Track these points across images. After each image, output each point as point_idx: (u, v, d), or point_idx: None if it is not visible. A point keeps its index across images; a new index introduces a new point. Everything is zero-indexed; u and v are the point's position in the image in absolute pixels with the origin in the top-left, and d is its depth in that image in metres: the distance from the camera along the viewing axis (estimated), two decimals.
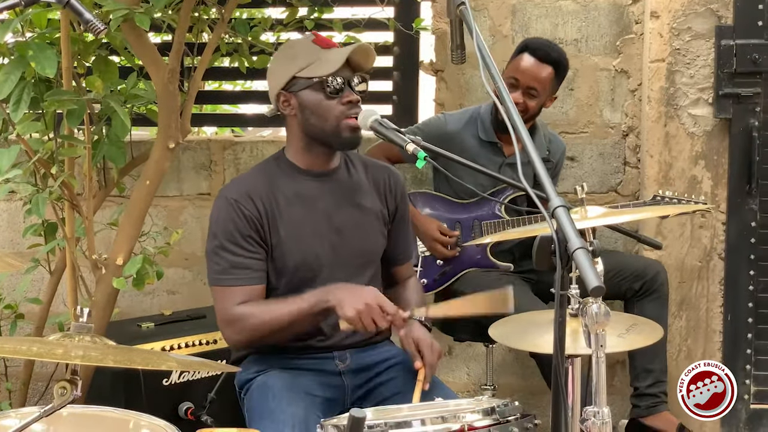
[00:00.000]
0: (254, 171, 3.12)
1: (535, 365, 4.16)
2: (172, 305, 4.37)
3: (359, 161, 3.18)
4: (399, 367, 3.04)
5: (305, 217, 3.00)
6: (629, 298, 4.01)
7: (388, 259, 3.20)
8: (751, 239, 4.31)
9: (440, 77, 4.67)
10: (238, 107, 5.35)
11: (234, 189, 3.02)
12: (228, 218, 2.95)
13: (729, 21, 4.24)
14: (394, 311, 2.81)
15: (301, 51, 3.00)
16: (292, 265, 2.99)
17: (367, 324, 2.77)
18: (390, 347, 3.17)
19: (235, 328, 2.94)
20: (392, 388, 2.99)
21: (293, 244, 2.98)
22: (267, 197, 2.98)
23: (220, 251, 2.94)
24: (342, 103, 2.92)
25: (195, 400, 3.63)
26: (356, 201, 3.08)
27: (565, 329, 2.01)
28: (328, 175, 3.06)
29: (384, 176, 3.16)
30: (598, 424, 2.26)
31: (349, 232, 3.05)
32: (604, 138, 4.61)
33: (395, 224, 3.18)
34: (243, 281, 2.93)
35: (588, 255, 1.89)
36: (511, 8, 4.56)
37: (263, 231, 2.96)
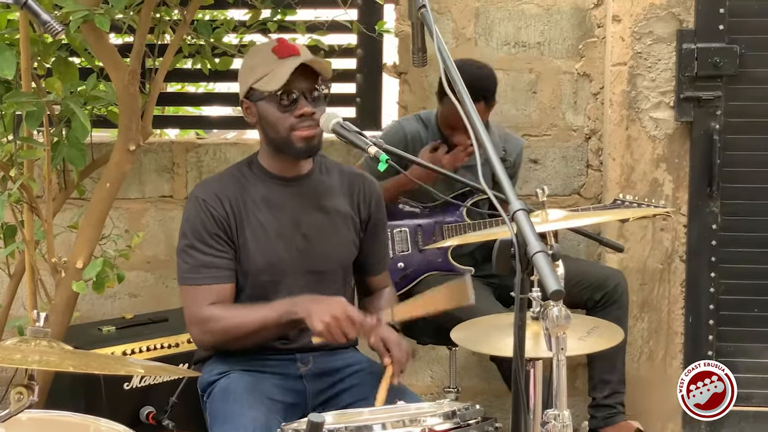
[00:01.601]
0: (226, 173, 3.13)
1: (497, 367, 4.17)
2: (134, 309, 4.33)
3: (335, 168, 3.17)
4: (363, 374, 3.04)
5: (271, 221, 3.00)
6: (590, 308, 4.02)
7: (362, 268, 3.20)
8: (712, 242, 4.34)
9: (404, 80, 4.67)
10: (201, 109, 5.32)
11: (203, 189, 3.03)
12: (196, 218, 2.96)
13: (690, 25, 4.27)
14: (361, 320, 2.81)
15: (259, 60, 2.98)
16: (256, 268, 2.98)
17: (337, 336, 2.78)
18: (354, 353, 3.17)
19: (203, 329, 2.95)
20: (355, 394, 2.98)
21: (258, 247, 2.98)
22: (235, 199, 2.99)
23: (189, 250, 2.96)
24: (294, 116, 2.91)
25: (156, 405, 3.61)
26: (326, 207, 3.07)
27: (525, 332, 2.01)
28: (299, 181, 3.06)
29: (359, 183, 3.15)
30: (558, 426, 2.27)
31: (317, 237, 3.04)
32: (566, 141, 4.63)
33: (369, 232, 3.17)
34: (212, 280, 2.94)
35: (548, 258, 1.89)
36: (474, 11, 4.57)
37: (231, 232, 2.97)
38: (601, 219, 3.56)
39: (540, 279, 1.86)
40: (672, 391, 4.38)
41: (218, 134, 5.69)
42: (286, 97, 2.91)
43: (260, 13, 4.11)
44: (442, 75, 2.23)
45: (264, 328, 2.89)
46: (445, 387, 4.19)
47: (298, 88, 2.91)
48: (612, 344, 2.77)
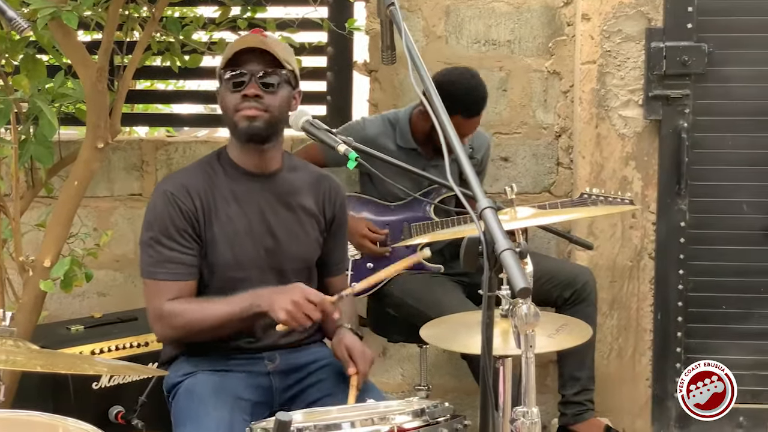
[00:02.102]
0: (194, 166, 3.11)
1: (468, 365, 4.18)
2: (102, 307, 4.31)
3: (303, 166, 3.17)
4: (329, 369, 3.03)
5: (240, 217, 2.99)
6: (559, 305, 4.04)
7: (323, 269, 3.20)
8: (681, 239, 4.36)
9: (374, 77, 4.67)
10: (170, 107, 5.29)
11: (172, 182, 3.01)
12: (164, 211, 2.94)
13: (659, 23, 4.29)
14: (320, 299, 2.82)
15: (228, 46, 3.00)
16: (223, 263, 2.97)
17: (301, 320, 2.77)
18: (321, 348, 3.17)
19: (165, 324, 2.94)
20: (322, 390, 2.98)
21: (226, 242, 2.97)
22: (204, 193, 2.98)
23: (154, 244, 2.94)
24: (241, 95, 2.90)
25: (126, 404, 3.59)
26: (294, 205, 3.07)
27: (493, 330, 2.02)
28: (267, 177, 3.05)
29: (325, 184, 3.15)
30: (527, 424, 2.26)
31: (284, 235, 3.04)
32: (537, 139, 4.64)
33: (332, 233, 3.17)
34: (174, 276, 2.93)
35: (515, 256, 1.89)
36: (445, 9, 4.58)
37: (198, 226, 2.95)
38: (571, 216, 3.57)
39: (508, 277, 1.86)
40: (641, 387, 4.44)
41: (189, 132, 5.68)
42: (232, 76, 2.91)
43: (230, 11, 4.09)
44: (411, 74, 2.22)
45: (226, 322, 2.88)
46: (416, 385, 4.19)
47: (249, 69, 2.91)
48: (581, 341, 2.77)
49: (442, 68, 4.16)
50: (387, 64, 2.56)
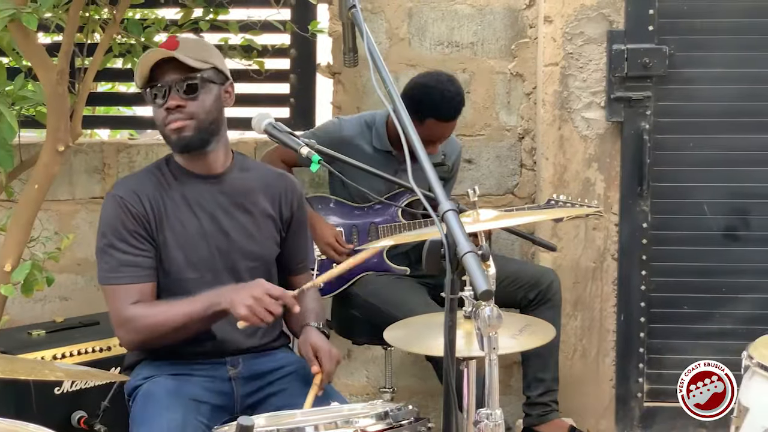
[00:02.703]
0: (144, 171, 3.11)
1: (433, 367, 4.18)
2: (64, 312, 4.27)
3: (255, 166, 3.17)
4: (293, 377, 3.02)
5: (192, 220, 2.99)
6: (524, 307, 4.05)
7: (285, 268, 3.19)
8: (643, 240, 4.39)
9: (337, 80, 4.66)
10: (132, 109, 5.26)
11: (122, 187, 3.01)
12: (115, 216, 2.94)
13: (620, 26, 4.31)
14: (281, 293, 2.81)
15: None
16: (177, 266, 2.97)
17: (262, 315, 2.76)
18: (286, 354, 3.16)
19: (128, 329, 2.92)
20: (284, 398, 2.96)
21: (178, 245, 2.97)
22: (154, 197, 2.97)
23: (109, 249, 2.93)
24: (165, 109, 2.91)
25: (88, 409, 3.56)
26: (246, 205, 3.06)
27: (456, 333, 2.02)
28: (217, 178, 3.04)
29: (281, 183, 3.15)
30: (490, 425, 2.27)
31: (237, 235, 3.03)
32: (500, 140, 4.65)
33: (291, 232, 3.16)
34: (133, 279, 2.92)
35: (477, 259, 1.89)
36: (408, 11, 4.58)
37: (151, 229, 2.95)
38: (531, 219, 3.58)
39: (470, 280, 1.86)
40: (605, 388, 4.46)
41: (152, 134, 5.63)
42: (151, 92, 2.92)
43: (192, 12, 4.08)
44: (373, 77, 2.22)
45: (189, 323, 2.87)
46: (381, 387, 4.19)
47: (165, 81, 2.91)
48: (544, 342, 2.78)
49: (420, 72, 4.20)
50: (349, 66, 2.56)
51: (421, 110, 3.90)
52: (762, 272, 4.39)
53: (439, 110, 3.93)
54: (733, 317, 4.40)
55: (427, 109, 3.91)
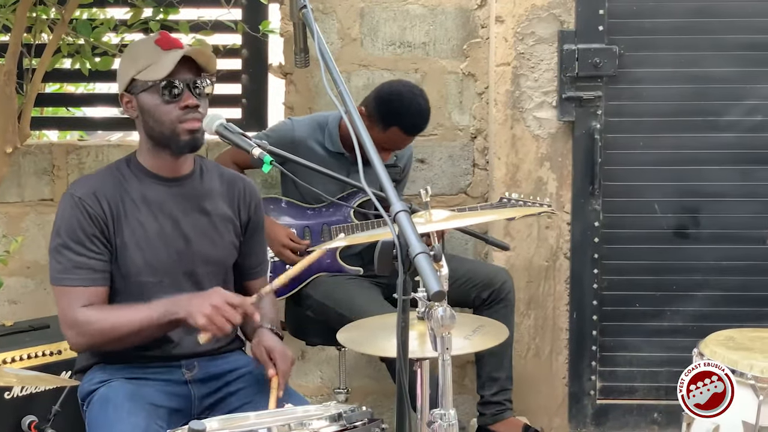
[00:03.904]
0: (103, 171, 3.05)
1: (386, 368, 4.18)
2: (13, 315, 4.21)
3: (215, 170, 3.14)
4: (248, 377, 3.01)
5: (151, 222, 2.95)
6: (477, 306, 4.06)
7: (242, 272, 3.17)
8: (595, 239, 4.42)
9: (289, 80, 4.64)
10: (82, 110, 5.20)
11: (80, 187, 2.96)
12: (72, 216, 2.89)
13: (571, 26, 4.34)
14: (240, 301, 2.79)
15: (142, 52, 2.94)
16: (135, 269, 2.93)
17: (221, 324, 2.74)
18: (240, 356, 3.14)
19: (78, 332, 2.88)
20: (241, 398, 2.96)
21: (137, 248, 2.93)
22: (113, 198, 2.93)
23: (62, 250, 2.88)
24: (180, 108, 2.87)
25: (39, 413, 3.51)
26: (207, 209, 3.03)
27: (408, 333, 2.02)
28: (179, 181, 3.01)
29: (239, 186, 3.12)
30: (444, 426, 2.27)
31: (197, 239, 3.00)
32: (453, 140, 4.66)
33: (248, 236, 3.14)
34: (85, 282, 2.87)
35: (429, 259, 1.89)
36: (360, 11, 4.57)
37: (108, 231, 2.91)
38: (483, 219, 3.59)
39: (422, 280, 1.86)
40: (558, 386, 4.49)
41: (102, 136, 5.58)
42: (170, 88, 2.87)
43: (141, 12, 4.04)
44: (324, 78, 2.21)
45: (143, 329, 2.83)
46: (335, 388, 4.18)
47: (183, 79, 2.88)
48: (497, 342, 2.79)
49: (388, 80, 4.23)
50: (300, 67, 2.56)
51: (390, 117, 3.92)
52: (712, 270, 4.44)
53: (405, 122, 3.95)
54: (684, 315, 4.45)
55: (396, 118, 3.93)
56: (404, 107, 3.95)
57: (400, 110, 3.94)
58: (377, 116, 3.95)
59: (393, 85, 4.08)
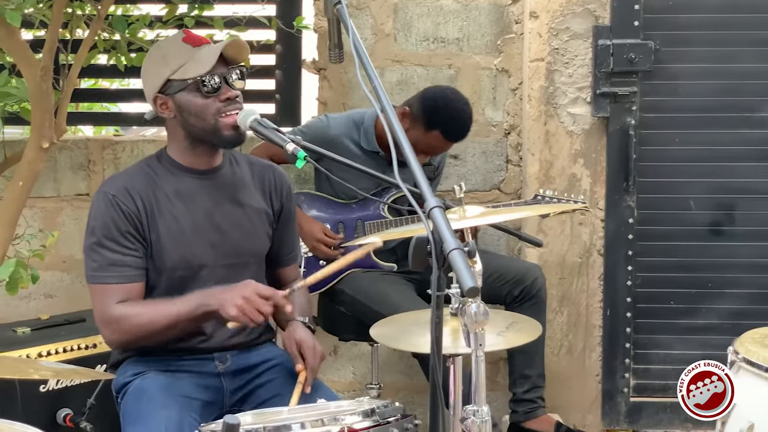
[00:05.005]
0: (135, 167, 3.07)
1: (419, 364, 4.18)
2: (49, 309, 4.25)
3: (244, 160, 3.15)
4: (279, 369, 3.02)
5: (185, 215, 2.97)
6: (509, 303, 4.05)
7: (274, 260, 3.18)
8: (629, 235, 4.40)
9: (323, 76, 4.65)
10: (117, 105, 5.24)
11: (113, 185, 2.97)
12: (106, 214, 2.90)
13: (606, 21, 4.31)
14: (272, 293, 2.80)
15: (171, 51, 2.95)
16: (170, 263, 2.95)
17: (253, 316, 2.75)
18: (271, 348, 3.15)
19: (114, 329, 2.90)
20: (271, 390, 2.97)
21: (172, 242, 2.94)
22: (146, 194, 2.94)
23: (97, 248, 2.90)
24: (220, 101, 2.89)
25: (74, 407, 3.54)
26: (239, 200, 3.05)
27: (442, 329, 2.01)
28: (211, 174, 3.03)
29: (269, 175, 3.14)
30: (477, 422, 2.27)
31: (231, 230, 3.02)
32: (486, 136, 4.65)
33: (280, 224, 3.15)
34: (121, 279, 2.89)
35: (463, 255, 1.89)
36: (393, 7, 4.57)
37: (142, 228, 2.92)
38: (517, 215, 3.59)
39: (456, 276, 1.86)
40: (591, 383, 4.47)
41: (136, 131, 5.62)
42: (208, 83, 2.88)
43: (177, 8, 4.06)
44: (358, 73, 2.21)
45: (176, 323, 2.86)
46: (367, 383, 4.19)
47: (219, 73, 2.90)
48: (530, 339, 2.78)
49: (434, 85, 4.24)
50: (334, 62, 2.56)
51: (434, 120, 3.93)
52: (747, 267, 4.41)
53: (449, 128, 3.96)
54: (719, 312, 4.42)
55: (440, 122, 3.94)
56: (450, 113, 3.95)
57: (446, 115, 3.94)
58: (422, 117, 3.95)
59: (442, 89, 4.09)
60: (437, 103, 3.96)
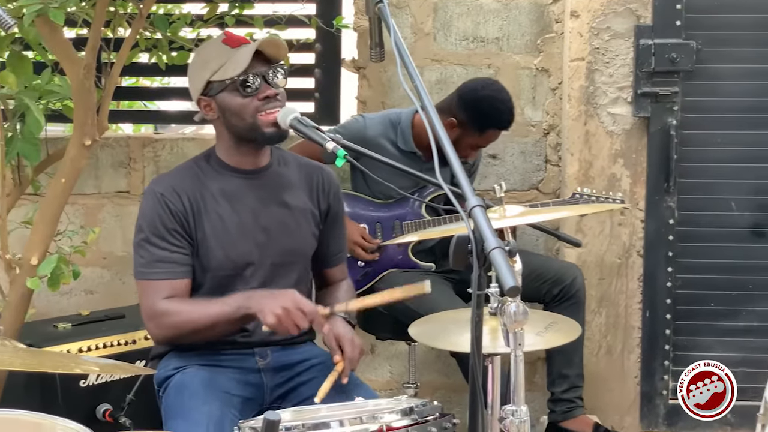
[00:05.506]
0: (183, 166, 3.11)
1: (457, 363, 4.18)
2: (90, 305, 4.29)
3: (293, 160, 3.17)
4: (320, 368, 3.03)
5: (231, 215, 2.99)
6: (548, 302, 4.04)
7: (320, 260, 3.19)
8: (669, 236, 4.36)
9: (362, 75, 4.65)
10: (155, 104, 5.27)
11: (161, 183, 3.02)
12: (153, 212, 2.95)
13: (648, 20, 4.29)
14: (312, 310, 2.81)
15: (212, 54, 2.99)
16: (215, 262, 2.97)
17: (289, 327, 2.77)
18: (311, 347, 3.17)
19: (158, 323, 2.94)
20: (312, 388, 2.95)
21: (217, 241, 2.97)
22: (193, 193, 2.98)
23: (145, 244, 2.94)
24: (258, 99, 2.90)
25: (113, 402, 3.58)
26: (285, 200, 3.06)
27: (482, 329, 2.01)
28: (258, 173, 3.05)
29: (318, 176, 3.15)
30: (516, 422, 2.26)
31: (276, 231, 3.03)
32: (525, 136, 4.64)
33: (327, 224, 3.16)
34: (168, 275, 2.93)
35: (504, 255, 1.89)
36: (433, 6, 4.57)
37: (188, 226, 2.95)
38: (557, 215, 3.57)
39: (497, 275, 1.86)
40: (630, 385, 4.44)
41: (176, 129, 5.66)
42: (247, 82, 2.90)
43: (218, 7, 4.07)
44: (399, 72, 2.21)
45: (218, 323, 2.88)
46: (404, 382, 4.19)
47: (257, 72, 2.92)
48: (569, 339, 2.78)
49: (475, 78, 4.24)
50: (375, 61, 2.56)
51: (486, 122, 3.98)
52: None
53: (502, 121, 4.01)
54: (760, 315, 4.38)
55: (491, 121, 3.99)
56: (496, 109, 3.98)
57: (493, 113, 3.99)
58: (471, 124, 3.97)
59: (476, 89, 4.06)
60: (482, 106, 3.97)
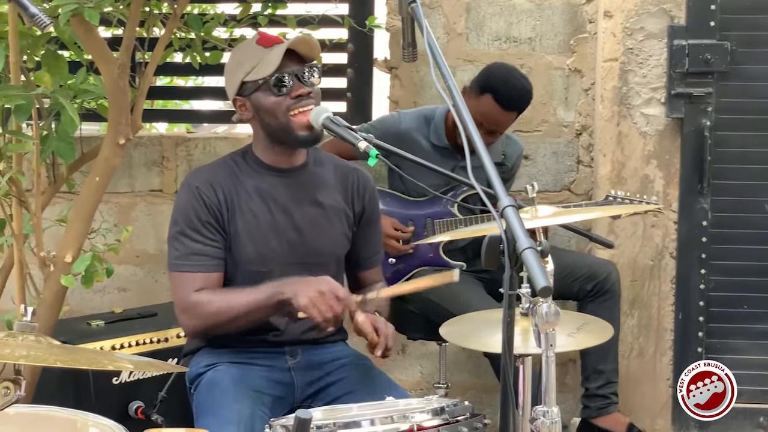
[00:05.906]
0: (220, 161, 3.14)
1: (488, 363, 4.17)
2: (123, 303, 4.32)
3: (329, 160, 3.18)
4: (350, 367, 3.04)
5: (264, 212, 3.01)
6: (582, 298, 4.02)
7: (355, 262, 3.20)
8: (703, 238, 4.34)
9: (394, 74, 4.66)
10: (189, 103, 5.30)
11: (197, 176, 3.05)
12: (189, 204, 2.97)
13: (681, 21, 4.27)
14: (346, 296, 2.81)
15: (245, 54, 3.02)
16: (246, 258, 2.99)
17: (323, 310, 2.76)
18: (343, 347, 3.17)
19: (190, 314, 2.95)
20: (343, 387, 2.98)
21: (249, 237, 2.99)
22: (228, 188, 3.00)
23: (180, 237, 2.97)
24: (291, 98, 2.92)
25: (145, 399, 3.61)
26: (319, 200, 3.07)
27: (514, 329, 2.01)
28: (293, 172, 3.06)
29: (353, 177, 3.15)
30: (547, 423, 2.26)
31: (309, 230, 3.04)
32: (557, 137, 4.62)
33: (362, 226, 3.17)
34: (201, 268, 2.95)
35: (536, 255, 1.89)
36: (466, 6, 4.57)
37: (222, 220, 2.97)
38: (590, 216, 3.56)
39: (529, 276, 1.86)
40: (662, 387, 4.42)
41: (208, 128, 5.68)
42: (279, 81, 2.92)
43: (251, 7, 4.09)
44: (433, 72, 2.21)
45: (252, 311, 2.88)
46: (435, 382, 4.18)
47: (290, 71, 2.93)
48: (601, 341, 2.77)
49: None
50: (408, 61, 2.56)
51: (485, 84, 3.93)
52: None
53: (500, 91, 3.91)
54: None
55: (491, 84, 3.92)
56: (501, 77, 3.95)
57: (496, 78, 3.94)
58: (474, 84, 3.97)
59: (500, 63, 4.11)
60: (491, 68, 3.99)
